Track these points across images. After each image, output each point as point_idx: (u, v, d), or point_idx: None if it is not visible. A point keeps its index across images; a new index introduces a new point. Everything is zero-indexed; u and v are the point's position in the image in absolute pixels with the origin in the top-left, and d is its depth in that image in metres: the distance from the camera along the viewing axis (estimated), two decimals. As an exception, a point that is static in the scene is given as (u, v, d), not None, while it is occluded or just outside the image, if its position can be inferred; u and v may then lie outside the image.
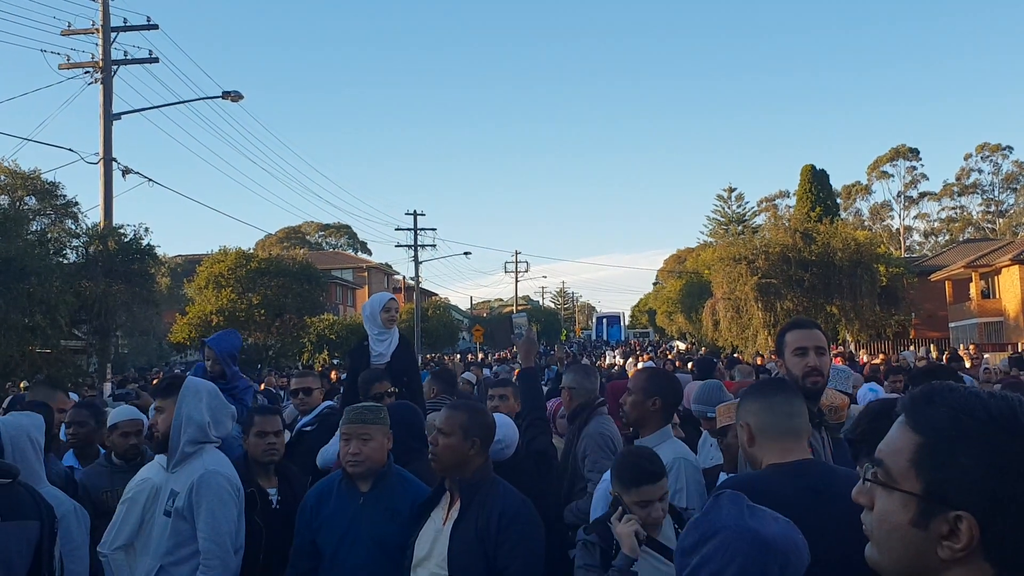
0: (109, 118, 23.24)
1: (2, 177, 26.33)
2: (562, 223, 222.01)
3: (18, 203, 25.48)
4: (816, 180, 53.45)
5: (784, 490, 2.70)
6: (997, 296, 44.53)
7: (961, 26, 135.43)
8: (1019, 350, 29.20)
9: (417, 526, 3.98)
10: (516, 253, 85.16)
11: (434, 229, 60.15)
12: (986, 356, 22.99)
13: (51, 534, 3.95)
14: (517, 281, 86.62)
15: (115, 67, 23.67)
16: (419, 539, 3.92)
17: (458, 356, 43.85)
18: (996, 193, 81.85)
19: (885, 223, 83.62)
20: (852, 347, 35.17)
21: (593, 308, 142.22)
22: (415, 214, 53.44)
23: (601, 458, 5.33)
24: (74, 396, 14.21)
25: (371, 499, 4.17)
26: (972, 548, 1.34)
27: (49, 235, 22.41)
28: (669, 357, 31.24)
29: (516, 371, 13.65)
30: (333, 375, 24.11)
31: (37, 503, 3.94)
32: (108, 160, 23.05)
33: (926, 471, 1.40)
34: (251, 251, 36.50)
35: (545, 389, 7.94)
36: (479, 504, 3.80)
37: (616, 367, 26.05)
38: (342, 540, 4.13)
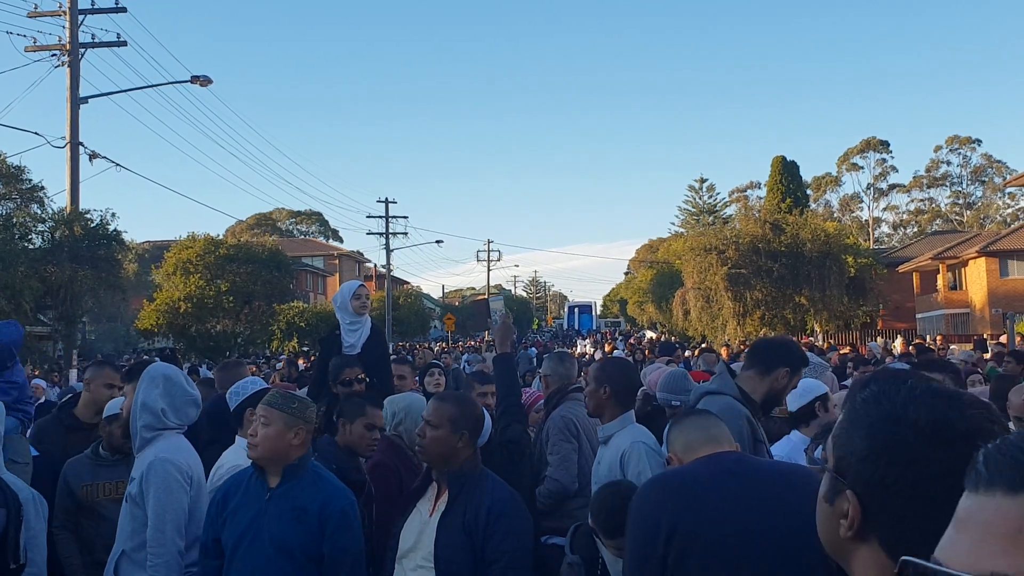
0: (76, 102, 22.93)
1: (-34, 161, 25.92)
2: (534, 212, 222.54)
3: (-18, 187, 25.14)
4: (786, 171, 53.77)
5: (702, 473, 2.78)
6: (964, 288, 45.08)
7: (932, 19, 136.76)
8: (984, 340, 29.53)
9: (402, 517, 3.92)
10: (488, 242, 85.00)
11: (406, 217, 60.14)
12: (952, 347, 23.25)
13: (17, 521, 3.91)
14: (489, 270, 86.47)
15: (82, 50, 23.32)
16: (404, 530, 3.86)
17: (428, 344, 43.78)
18: (964, 185, 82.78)
19: (855, 215, 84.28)
20: (820, 338, 35.45)
21: (565, 297, 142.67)
22: (386, 202, 53.26)
23: (559, 440, 5.38)
24: (40, 382, 14.04)
25: (278, 496, 3.83)
26: (858, 527, 1.37)
27: (14, 220, 22.09)
28: (640, 345, 31.38)
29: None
30: (301, 362, 24.03)
31: (3, 491, 3.90)
32: (75, 144, 22.74)
33: (837, 447, 1.45)
34: (220, 238, 36.16)
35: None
36: (467, 497, 3.74)
37: (587, 356, 26.13)
38: (241, 539, 3.81)
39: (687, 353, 15.98)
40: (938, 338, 26.59)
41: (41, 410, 11.21)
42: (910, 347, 21.71)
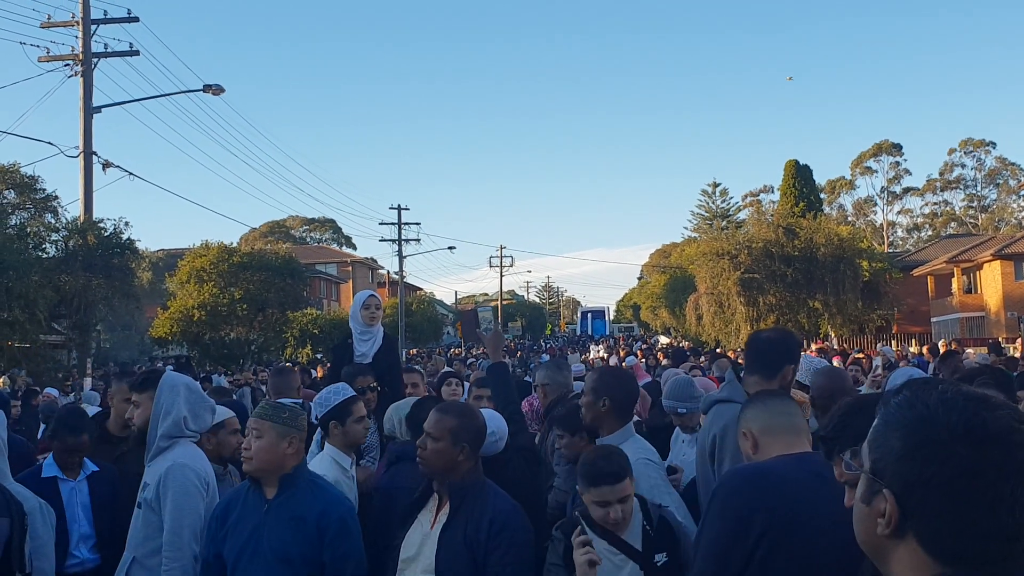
0: (89, 111, 23.05)
1: (-20, 171, 26.08)
2: (547, 218, 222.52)
3: (-3, 197, 25.25)
4: (800, 175, 53.59)
5: (793, 473, 2.81)
6: (979, 291, 44.81)
7: (945, 22, 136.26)
8: (1003, 344, 29.34)
9: (404, 528, 3.90)
10: (501, 248, 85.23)
11: (418, 223, 60.03)
12: (968, 351, 23.08)
13: (21, 530, 3.92)
14: (502, 276, 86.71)
15: (95, 60, 23.45)
16: (406, 541, 3.84)
17: (441, 350, 43.80)
18: (979, 188, 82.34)
19: (868, 218, 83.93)
20: (834, 342, 35.28)
21: (578, 303, 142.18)
22: (399, 208, 53.40)
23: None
24: (52, 391, 14.09)
25: (276, 507, 3.87)
26: (896, 526, 1.45)
27: (28, 229, 22.15)
28: (654, 351, 31.29)
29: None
30: (319, 371, 24.04)
31: (7, 500, 3.90)
32: (88, 153, 22.87)
33: (872, 451, 1.52)
34: (234, 245, 36.26)
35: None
36: (468, 509, 3.71)
37: (600, 362, 26.04)
38: (242, 552, 3.84)
39: (701, 359, 15.86)
40: (953, 343, 26.35)
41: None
42: (923, 349, 21.63)
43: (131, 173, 23.97)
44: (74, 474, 5.20)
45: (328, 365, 12.62)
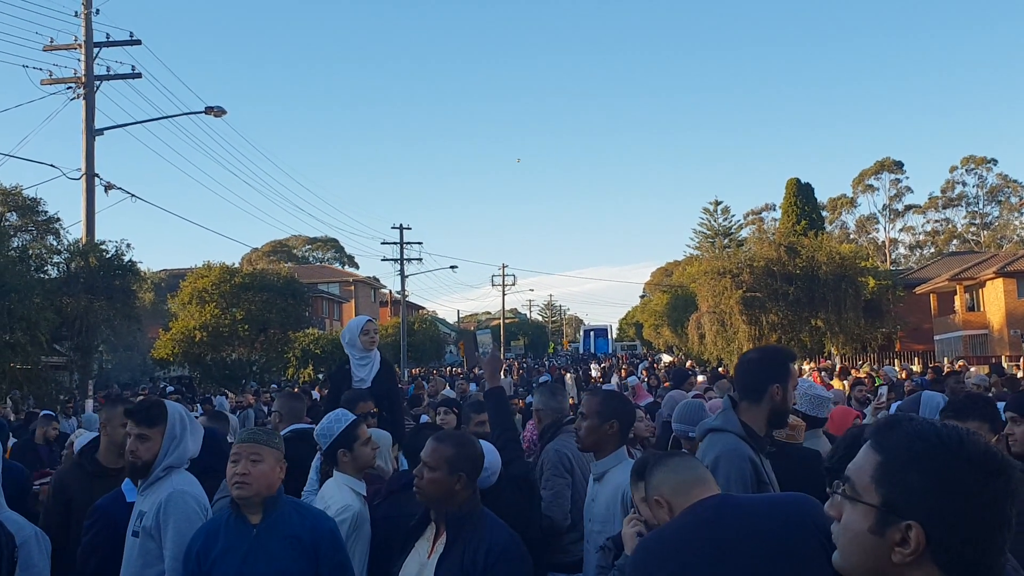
0: (91, 133, 23.15)
1: (-17, 193, 26.20)
2: (549, 236, 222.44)
3: (-1, 219, 25.35)
4: (801, 193, 53.66)
5: (676, 530, 2.63)
6: (982, 309, 44.77)
7: (946, 40, 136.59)
8: (1004, 363, 29.29)
9: (401, 555, 3.88)
10: (503, 266, 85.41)
11: (420, 243, 60.02)
12: (971, 369, 23.06)
13: (10, 562, 3.89)
14: (504, 294, 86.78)
15: (98, 82, 23.58)
16: (403, 570, 3.82)
17: (438, 371, 43.75)
18: (981, 206, 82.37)
19: (871, 236, 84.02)
20: (837, 360, 35.23)
21: (581, 321, 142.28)
22: (401, 228, 53.42)
23: (553, 475, 5.28)
24: (49, 414, 14.02)
25: (265, 529, 3.86)
26: (920, 553, 1.59)
27: (30, 251, 22.21)
28: (656, 370, 31.25)
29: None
30: (318, 392, 24.01)
31: (-2, 530, 3.88)
32: (90, 175, 22.96)
33: (883, 486, 1.64)
34: (236, 266, 36.34)
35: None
36: (465, 538, 3.69)
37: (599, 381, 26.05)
38: None
39: (699, 379, 15.83)
40: (959, 363, 26.25)
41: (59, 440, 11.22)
42: (927, 369, 21.58)
43: (133, 195, 24.05)
44: None
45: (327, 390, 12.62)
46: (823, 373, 23.02)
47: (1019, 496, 1.61)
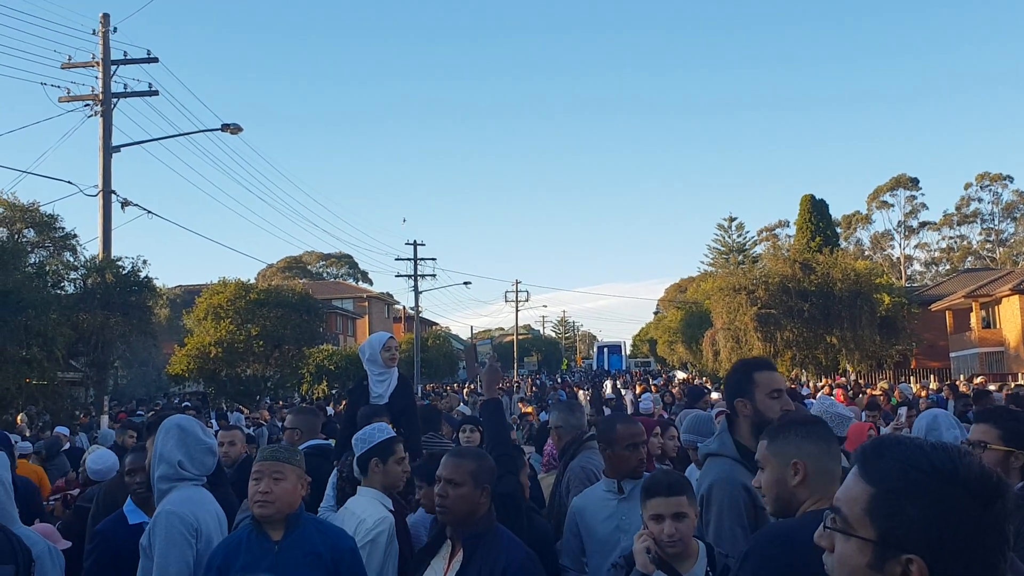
0: (108, 150, 23.33)
1: (1, 210, 26.36)
2: (563, 252, 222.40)
3: (17, 235, 25.43)
4: (816, 210, 53.47)
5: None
6: (998, 326, 44.47)
7: (961, 57, 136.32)
8: (1019, 380, 29.09)
9: (416, 575, 3.86)
10: (516, 283, 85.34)
11: (434, 259, 60.16)
12: (990, 387, 22.88)
13: (27, 575, 3.91)
14: (517, 311, 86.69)
15: (115, 100, 23.80)
16: None
17: (452, 387, 43.73)
18: (996, 222, 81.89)
19: (886, 252, 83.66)
20: (852, 377, 35.07)
21: (594, 337, 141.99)
22: (415, 244, 53.60)
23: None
24: (63, 430, 14.06)
25: (287, 546, 3.84)
26: None
27: (47, 267, 22.36)
28: (672, 389, 31.14)
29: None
30: (332, 407, 24.01)
31: (13, 546, 3.89)
32: (107, 192, 23.13)
33: (879, 519, 1.58)
34: (251, 282, 36.44)
35: None
36: (482, 556, 3.66)
37: (611, 398, 25.95)
38: None
39: (714, 396, 15.77)
40: (980, 379, 25.98)
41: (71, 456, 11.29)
42: (943, 387, 21.38)
43: (149, 211, 24.24)
44: None
45: (343, 404, 12.64)
46: (845, 391, 22.83)
47: (1017, 515, 1.60)
